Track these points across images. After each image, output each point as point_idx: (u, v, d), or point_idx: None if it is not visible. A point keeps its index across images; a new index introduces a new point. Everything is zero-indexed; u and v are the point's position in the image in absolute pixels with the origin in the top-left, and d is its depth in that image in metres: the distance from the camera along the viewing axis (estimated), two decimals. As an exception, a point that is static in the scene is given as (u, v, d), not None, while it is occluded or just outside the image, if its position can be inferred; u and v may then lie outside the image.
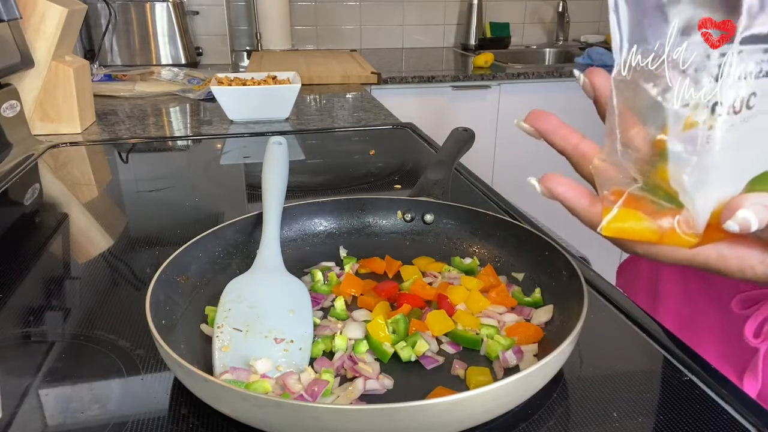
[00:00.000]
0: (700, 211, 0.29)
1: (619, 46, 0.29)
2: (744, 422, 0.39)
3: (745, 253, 0.32)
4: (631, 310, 0.52)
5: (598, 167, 0.32)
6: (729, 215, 0.28)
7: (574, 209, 0.33)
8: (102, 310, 0.53)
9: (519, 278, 0.55)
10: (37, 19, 1.05)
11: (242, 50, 2.35)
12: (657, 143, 0.30)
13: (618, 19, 0.29)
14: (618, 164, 0.31)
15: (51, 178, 0.92)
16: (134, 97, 1.47)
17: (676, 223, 0.30)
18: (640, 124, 0.30)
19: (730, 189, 0.29)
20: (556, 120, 0.35)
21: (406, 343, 0.45)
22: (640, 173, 0.31)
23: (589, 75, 0.35)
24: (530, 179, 0.34)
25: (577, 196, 0.33)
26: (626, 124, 0.30)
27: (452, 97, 1.97)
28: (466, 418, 0.37)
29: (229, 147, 1.07)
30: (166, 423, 0.39)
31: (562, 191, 0.33)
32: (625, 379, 0.43)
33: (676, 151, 0.29)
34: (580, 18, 2.60)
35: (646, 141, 0.30)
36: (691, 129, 0.28)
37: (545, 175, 0.34)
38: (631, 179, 0.31)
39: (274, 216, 0.56)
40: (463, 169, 0.89)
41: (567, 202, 0.33)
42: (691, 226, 0.29)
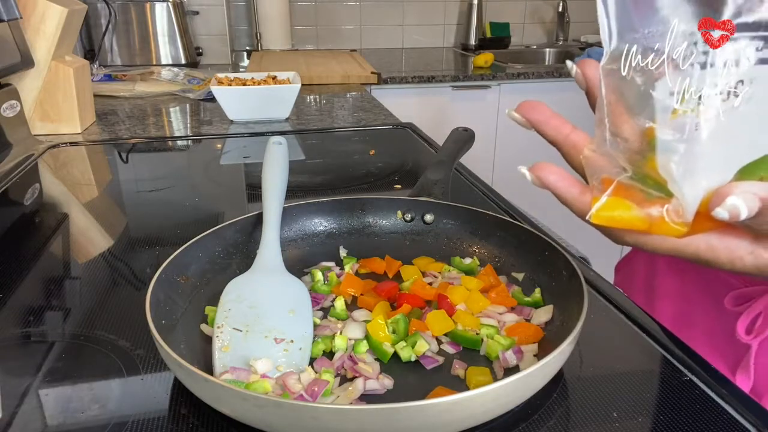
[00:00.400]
0: (689, 199, 0.29)
1: (607, 36, 0.29)
2: (744, 422, 0.39)
3: (734, 244, 0.32)
4: (631, 311, 0.52)
5: (589, 157, 0.32)
6: (718, 203, 0.27)
7: (564, 198, 0.33)
8: (102, 310, 0.53)
9: (519, 278, 0.55)
10: (37, 19, 1.05)
11: (242, 50, 2.35)
12: (646, 132, 0.30)
13: (605, 8, 0.29)
14: (607, 154, 0.31)
15: (51, 178, 0.92)
16: (134, 97, 1.47)
17: (665, 212, 0.30)
18: (628, 114, 0.30)
19: (718, 178, 0.29)
20: (548, 110, 0.35)
21: (406, 343, 0.45)
22: (629, 162, 0.31)
23: (582, 66, 0.35)
24: (521, 168, 0.34)
25: (568, 186, 0.33)
26: (615, 113, 0.30)
27: (452, 97, 1.97)
28: (466, 418, 0.37)
29: (229, 147, 1.07)
30: (166, 423, 0.39)
31: (552, 180, 0.33)
32: (625, 379, 0.43)
33: (665, 139, 0.29)
34: (580, 18, 2.60)
35: (634, 130, 0.30)
36: (679, 117, 0.28)
37: (536, 164, 0.34)
38: (620, 168, 0.31)
39: (274, 216, 0.56)
40: (463, 169, 0.89)
41: (557, 191, 0.33)
42: (680, 215, 0.29)
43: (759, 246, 0.32)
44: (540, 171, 0.33)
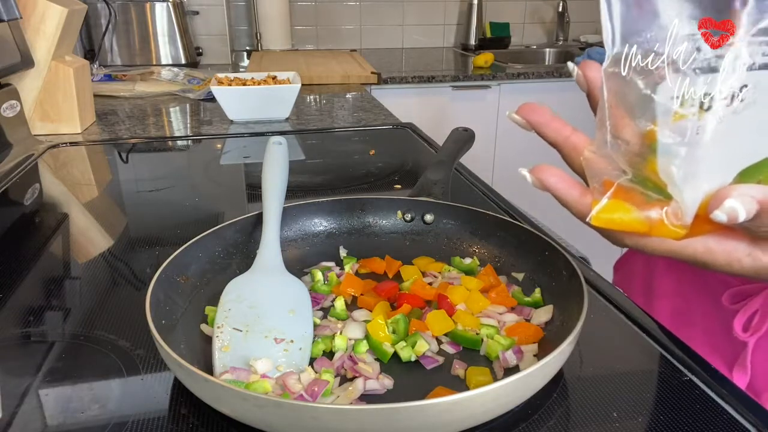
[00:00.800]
0: (689, 202, 0.29)
1: (610, 39, 0.29)
2: (744, 422, 0.39)
3: (732, 246, 0.32)
4: (631, 311, 0.52)
5: (589, 159, 0.33)
6: (716, 205, 0.28)
7: (564, 200, 0.33)
8: (102, 310, 0.53)
9: (519, 278, 0.55)
10: (37, 19, 1.05)
11: (242, 50, 2.35)
12: (647, 135, 0.30)
13: (609, 11, 0.29)
14: (608, 156, 0.31)
15: (51, 178, 0.92)
16: (134, 97, 1.47)
17: (665, 215, 0.30)
18: (629, 117, 0.30)
19: (718, 181, 0.29)
20: (549, 112, 0.35)
21: (406, 343, 0.45)
22: (629, 165, 0.31)
23: (583, 68, 0.35)
24: (521, 170, 0.34)
25: (568, 187, 0.33)
26: (616, 116, 0.31)
27: (452, 97, 1.97)
28: (466, 418, 0.37)
29: (229, 147, 1.07)
30: (166, 423, 0.39)
31: (553, 182, 0.33)
32: (625, 379, 0.43)
33: (666, 142, 0.29)
34: (580, 18, 2.60)
35: (635, 133, 0.30)
36: (681, 121, 0.28)
37: (537, 166, 0.34)
38: (620, 171, 0.31)
39: (274, 216, 0.56)
40: (463, 169, 0.89)
41: (557, 193, 0.33)
42: (679, 217, 0.30)
43: (757, 248, 0.32)
44: (540, 173, 0.33)
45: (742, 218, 0.27)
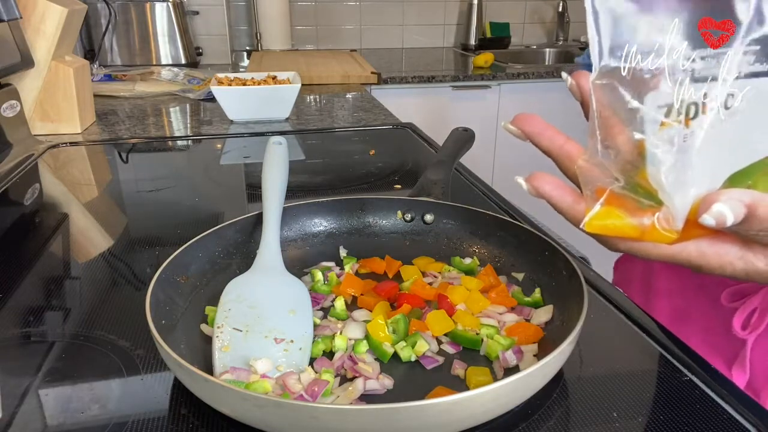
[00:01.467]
0: (679, 208, 0.30)
1: (597, 52, 0.30)
2: (744, 422, 0.39)
3: (724, 250, 0.33)
4: (631, 311, 0.52)
5: (582, 167, 0.33)
6: (705, 209, 0.28)
7: (558, 207, 0.34)
8: (102, 310, 0.53)
9: (519, 278, 0.55)
10: (37, 19, 1.05)
11: (242, 50, 2.35)
12: (636, 144, 0.30)
13: (596, 23, 0.30)
14: (600, 164, 0.32)
15: (51, 178, 0.92)
16: (134, 97, 1.47)
17: (656, 220, 0.31)
18: (619, 126, 0.31)
19: (707, 186, 0.30)
20: (542, 122, 0.36)
21: (406, 343, 0.45)
22: (621, 172, 0.31)
23: (576, 77, 0.36)
24: (518, 178, 0.36)
25: (562, 195, 0.34)
26: (606, 125, 0.31)
27: (452, 97, 1.97)
28: (466, 418, 0.37)
29: (229, 147, 1.07)
30: (166, 423, 0.39)
31: (547, 190, 0.34)
32: (625, 379, 0.43)
33: (655, 150, 0.30)
34: (580, 18, 2.60)
35: (625, 141, 0.31)
36: (667, 129, 0.29)
37: (532, 174, 0.35)
38: (613, 178, 0.32)
39: (274, 216, 0.56)
40: (463, 169, 0.89)
41: (552, 200, 0.34)
42: (670, 222, 0.30)
43: (748, 252, 0.32)
44: (535, 181, 0.34)
45: (730, 222, 0.28)
